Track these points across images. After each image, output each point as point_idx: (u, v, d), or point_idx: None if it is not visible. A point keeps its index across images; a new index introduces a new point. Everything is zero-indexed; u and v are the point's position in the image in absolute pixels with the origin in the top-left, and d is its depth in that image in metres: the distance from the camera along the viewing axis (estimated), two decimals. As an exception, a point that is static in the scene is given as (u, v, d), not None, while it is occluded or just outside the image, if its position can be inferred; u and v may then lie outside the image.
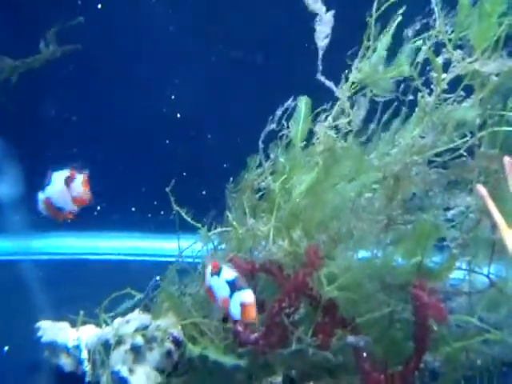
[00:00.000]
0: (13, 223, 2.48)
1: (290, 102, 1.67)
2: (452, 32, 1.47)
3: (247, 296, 1.24)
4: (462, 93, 1.46)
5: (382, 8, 1.53)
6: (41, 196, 1.40)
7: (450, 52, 1.43)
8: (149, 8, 2.43)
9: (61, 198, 1.37)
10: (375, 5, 1.54)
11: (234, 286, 1.26)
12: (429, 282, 1.41)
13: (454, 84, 1.50)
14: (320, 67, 1.58)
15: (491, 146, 1.50)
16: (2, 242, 2.54)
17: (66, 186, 1.36)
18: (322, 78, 1.57)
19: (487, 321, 1.51)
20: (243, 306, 1.23)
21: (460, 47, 1.47)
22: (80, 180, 1.36)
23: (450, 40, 1.46)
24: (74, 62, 2.45)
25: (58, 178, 1.37)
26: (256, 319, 1.25)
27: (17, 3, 2.45)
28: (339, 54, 1.57)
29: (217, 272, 1.30)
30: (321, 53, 1.56)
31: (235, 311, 1.24)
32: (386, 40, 1.58)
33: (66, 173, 1.37)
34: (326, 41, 1.56)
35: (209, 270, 1.33)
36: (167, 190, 1.72)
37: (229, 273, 1.29)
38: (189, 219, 1.75)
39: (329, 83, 1.58)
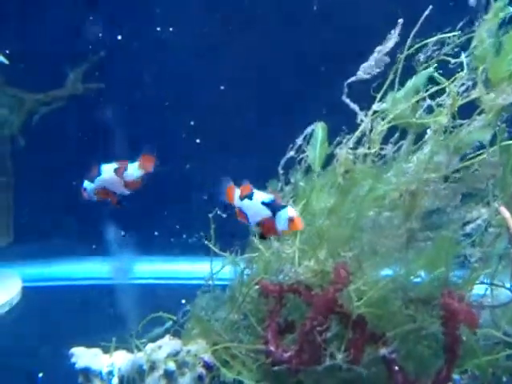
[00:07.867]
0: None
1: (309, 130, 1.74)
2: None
3: (292, 211, 1.36)
4: (477, 117, 1.50)
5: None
6: (89, 185, 1.55)
7: (480, 90, 1.49)
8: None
9: (113, 183, 1.52)
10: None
11: (274, 207, 1.38)
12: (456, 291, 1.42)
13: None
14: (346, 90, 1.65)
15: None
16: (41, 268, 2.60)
17: (116, 175, 1.51)
18: (348, 101, 1.64)
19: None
20: (291, 220, 1.34)
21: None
22: (132, 167, 1.51)
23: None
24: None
25: (108, 168, 1.52)
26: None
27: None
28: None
29: (247, 195, 1.42)
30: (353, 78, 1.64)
31: (283, 227, 1.36)
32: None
33: (114, 165, 1.52)
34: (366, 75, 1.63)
35: (237, 192, 1.45)
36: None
37: (262, 195, 1.41)
38: (211, 244, 1.80)
39: (353, 105, 1.64)
